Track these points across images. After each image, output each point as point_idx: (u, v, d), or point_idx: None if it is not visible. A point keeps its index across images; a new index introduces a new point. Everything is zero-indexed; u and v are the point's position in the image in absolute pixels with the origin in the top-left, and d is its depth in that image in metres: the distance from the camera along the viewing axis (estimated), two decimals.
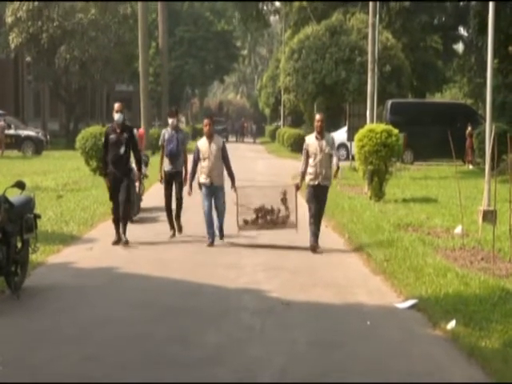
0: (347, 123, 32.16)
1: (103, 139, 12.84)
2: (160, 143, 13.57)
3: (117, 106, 12.46)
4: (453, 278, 9.57)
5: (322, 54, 39.93)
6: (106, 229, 13.63)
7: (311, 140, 12.33)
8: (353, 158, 26.23)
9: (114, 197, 12.44)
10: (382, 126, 19.75)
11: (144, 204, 16.45)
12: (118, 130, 12.38)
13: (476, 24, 30.03)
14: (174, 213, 13.49)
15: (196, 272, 10.45)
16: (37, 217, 9.69)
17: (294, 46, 42.03)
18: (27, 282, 9.31)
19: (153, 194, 18.21)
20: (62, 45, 43.42)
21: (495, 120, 18.98)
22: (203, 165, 12.58)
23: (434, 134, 31.37)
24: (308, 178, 12.30)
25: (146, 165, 17.79)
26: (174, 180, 13.37)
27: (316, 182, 12.21)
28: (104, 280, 9.93)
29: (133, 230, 13.50)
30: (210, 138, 12.66)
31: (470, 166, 30.63)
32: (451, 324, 7.64)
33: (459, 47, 54.91)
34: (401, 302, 8.90)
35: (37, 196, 10.86)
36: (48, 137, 40.64)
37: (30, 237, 9.40)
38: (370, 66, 27.12)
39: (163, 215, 14.22)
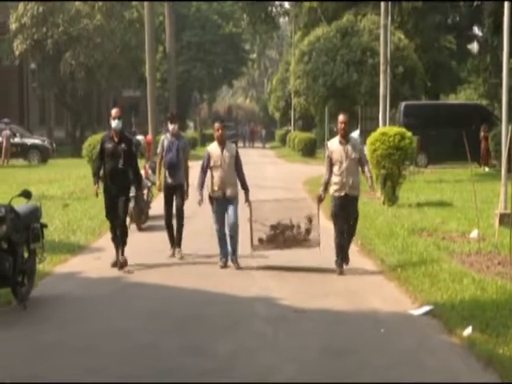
0: (359, 126, 32.16)
1: (98, 148, 11.73)
2: (158, 151, 12.60)
3: (114, 111, 11.67)
4: (469, 284, 9.57)
5: (332, 56, 39.90)
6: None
7: (334, 145, 11.08)
8: None
9: (110, 215, 11.43)
10: (395, 129, 19.75)
11: (152, 212, 16.50)
12: (116, 139, 11.32)
13: (491, 23, 30.05)
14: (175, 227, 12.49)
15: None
16: (43, 226, 9.76)
17: (304, 48, 42.03)
18: (34, 293, 9.36)
19: (161, 202, 18.21)
20: (67, 51, 43.56)
21: (511, 121, 18.94)
22: (214, 174, 11.40)
23: (449, 137, 31.30)
24: (333, 188, 11.06)
25: (154, 171, 17.86)
26: (174, 194, 12.31)
27: (343, 193, 10.94)
28: (112, 290, 9.98)
29: (140, 239, 13.54)
30: (223, 144, 11.50)
31: (486, 169, 30.56)
32: (468, 331, 7.64)
33: (474, 47, 54.78)
34: (416, 308, 8.90)
35: (43, 205, 10.92)
36: (54, 145, 40.81)
37: (37, 246, 9.46)
38: (382, 68, 27.09)
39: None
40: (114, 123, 11.44)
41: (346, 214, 11.02)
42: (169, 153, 12.23)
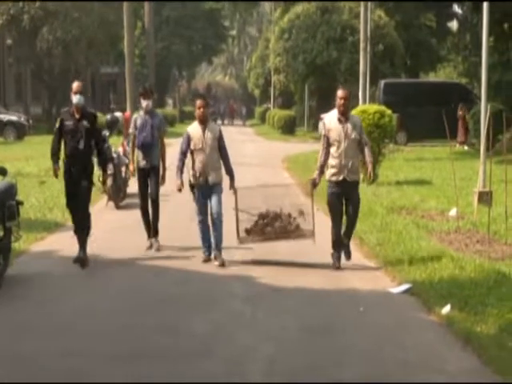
0: None
1: (56, 125, 10.39)
2: (131, 131, 11.39)
3: (75, 86, 10.27)
4: (448, 262, 9.59)
5: (312, 34, 39.81)
6: (91, 215, 13.58)
7: (333, 123, 9.87)
8: None
9: (70, 203, 10.36)
10: (375, 107, 19.72)
11: (131, 189, 16.37)
12: (77, 116, 10.08)
13: (470, 1, 30.00)
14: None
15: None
16: (19, 204, 9.65)
17: (284, 25, 41.92)
18: (9, 271, 9.26)
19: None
20: (44, 26, 42.99)
21: (491, 99, 18.97)
22: (195, 158, 10.19)
23: (428, 115, 31.34)
24: (329, 172, 9.87)
25: None
26: (149, 177, 11.19)
27: (341, 177, 9.78)
28: (89, 268, 9.90)
29: (118, 217, 13.45)
30: (205, 123, 10.25)
31: (465, 147, 30.65)
32: (446, 309, 7.66)
33: (453, 25, 54.81)
34: (395, 286, 8.91)
35: (19, 182, 10.78)
36: (30, 121, 40.38)
37: (13, 224, 9.35)
38: (362, 45, 27.04)
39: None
40: (76, 98, 10.06)
41: (345, 201, 9.89)
42: (142, 132, 11.09)
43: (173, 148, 13.19)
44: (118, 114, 38.61)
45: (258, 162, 24.54)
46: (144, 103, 11.26)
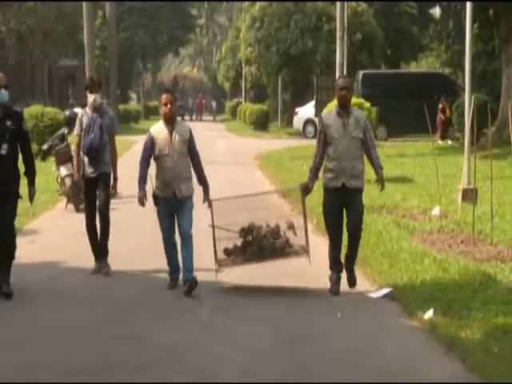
0: (315, 97, 32.20)
1: None
2: (76, 132, 10.08)
3: None
4: (430, 264, 9.67)
5: (286, 22, 39.89)
6: (49, 219, 13.55)
7: (331, 118, 8.91)
8: None
9: None
10: (353, 100, 19.71)
11: None
12: (0, 116, 8.79)
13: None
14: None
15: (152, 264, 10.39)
16: None
17: (256, 13, 41.96)
18: None
19: None
20: None
21: (475, 90, 19.17)
22: (160, 166, 9.06)
23: (410, 107, 31.53)
24: (326, 177, 8.86)
25: None
26: (97, 188, 10.02)
27: (340, 183, 8.73)
28: (48, 276, 9.87)
29: (78, 220, 13.41)
30: (171, 123, 9.05)
31: (449, 142, 30.87)
32: (428, 313, 7.73)
33: (436, 12, 55.14)
34: (374, 290, 8.96)
35: None
36: None
37: None
38: (338, 34, 27.10)
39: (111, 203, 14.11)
40: None
41: (345, 212, 8.85)
42: (89, 133, 9.87)
43: (138, 146, 13.10)
44: (77, 110, 38.38)
45: (229, 160, 24.54)
46: (91, 98, 10.00)
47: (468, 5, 14.96)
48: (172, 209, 9.09)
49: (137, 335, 7.40)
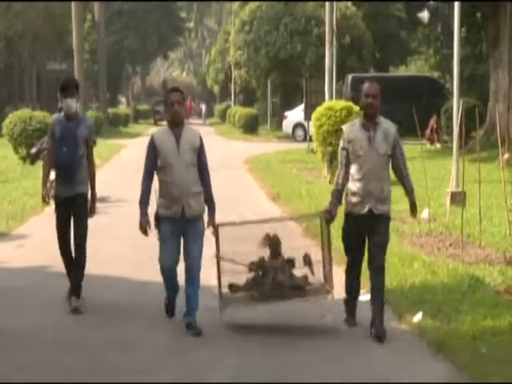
0: (304, 101, 32.26)
1: None
2: (46, 145, 8.97)
3: None
4: (419, 267, 9.69)
5: (275, 25, 39.96)
6: (37, 224, 13.50)
7: (354, 131, 7.57)
8: (310, 139, 26.30)
9: None
10: (342, 103, 19.86)
11: None
12: None
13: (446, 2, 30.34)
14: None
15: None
16: None
17: (245, 16, 42.01)
18: None
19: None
20: None
21: (463, 94, 19.22)
22: (165, 179, 7.51)
23: (399, 111, 31.52)
24: (350, 201, 7.54)
25: None
26: (72, 211, 8.45)
27: (365, 209, 7.43)
28: (36, 281, 9.82)
29: None
30: (179, 127, 7.59)
31: (438, 145, 30.92)
32: (418, 317, 7.73)
33: (424, 16, 55.32)
34: (363, 294, 8.94)
35: None
36: None
37: None
38: (327, 38, 27.15)
39: (100, 207, 14.08)
40: None
41: (368, 243, 7.56)
42: (62, 145, 8.32)
43: (126, 150, 13.05)
44: None
45: (218, 164, 24.42)
46: (64, 103, 8.39)
47: (456, 8, 15.00)
48: (179, 231, 7.53)
49: (125, 340, 7.39)
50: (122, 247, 11.80)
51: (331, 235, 7.79)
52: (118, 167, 25.23)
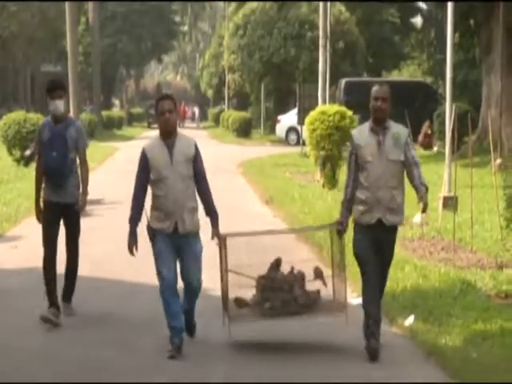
0: (297, 105, 32.32)
1: None
2: (31, 149, 8.45)
3: None
4: (411, 271, 9.72)
5: (269, 30, 40.00)
6: (31, 225, 13.46)
7: (363, 136, 7.10)
8: (304, 143, 26.35)
9: None
10: (335, 108, 19.91)
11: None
12: None
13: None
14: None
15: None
16: None
17: (239, 21, 42.06)
18: None
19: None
20: None
21: (456, 99, 19.25)
22: (158, 192, 6.95)
23: (392, 115, 31.53)
24: (358, 210, 7.04)
25: None
26: (63, 218, 8.04)
27: (374, 219, 6.93)
28: (31, 282, 9.78)
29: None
30: (171, 137, 7.00)
31: (435, 148, 30.91)
32: (409, 320, 7.78)
33: (418, 21, 55.46)
34: (355, 297, 8.97)
35: None
36: None
37: None
38: (321, 42, 27.19)
39: (95, 209, 14.09)
40: None
41: (378, 254, 7.01)
42: (51, 150, 7.79)
43: (120, 152, 13.06)
44: None
45: (211, 167, 24.39)
46: (52, 105, 7.92)
47: (449, 14, 15.06)
48: (173, 247, 6.96)
49: (117, 341, 7.41)
50: (114, 248, 11.80)
51: (344, 248, 7.29)
52: (112, 170, 25.22)
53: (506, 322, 7.71)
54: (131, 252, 7.05)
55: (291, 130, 38.35)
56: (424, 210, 7.22)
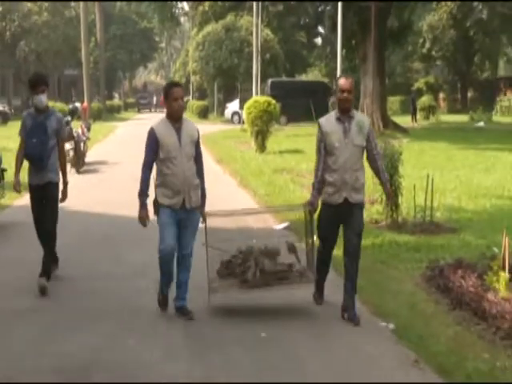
0: (239, 96, 32.01)
1: None
2: (19, 133, 6.33)
3: None
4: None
5: (219, 46, 39.37)
6: None
7: (330, 124, 5.45)
8: (243, 122, 26.18)
9: None
10: (264, 98, 19.78)
11: (87, 159, 15.92)
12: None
13: (329, 24, 30.25)
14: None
15: None
16: (3, 170, 9.24)
17: (199, 39, 41.24)
18: None
19: (93, 152, 17.69)
20: (21, 40, 41.70)
21: None
22: (167, 171, 5.31)
23: (301, 104, 31.60)
24: (326, 191, 5.43)
25: (89, 129, 17.33)
26: (44, 198, 6.29)
27: (341, 198, 5.36)
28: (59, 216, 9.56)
29: (79, 179, 13.10)
30: (179, 121, 5.40)
31: None
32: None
33: (318, 41, 55.16)
34: (277, 224, 8.72)
35: (3, 155, 10.26)
36: (12, 110, 38.79)
37: None
38: (254, 55, 26.98)
39: (101, 167, 13.75)
40: None
41: (343, 230, 5.44)
42: (33, 137, 6.16)
43: (119, 129, 12.72)
44: (77, 105, 37.62)
45: None
46: (37, 99, 6.17)
47: (339, 36, 14.95)
48: (177, 220, 5.32)
49: (115, 256, 7.25)
50: (116, 193, 11.59)
51: (314, 226, 5.55)
52: (113, 140, 24.71)
53: (374, 238, 7.72)
54: (143, 223, 5.34)
55: (235, 113, 37.93)
56: (391, 203, 6.23)
